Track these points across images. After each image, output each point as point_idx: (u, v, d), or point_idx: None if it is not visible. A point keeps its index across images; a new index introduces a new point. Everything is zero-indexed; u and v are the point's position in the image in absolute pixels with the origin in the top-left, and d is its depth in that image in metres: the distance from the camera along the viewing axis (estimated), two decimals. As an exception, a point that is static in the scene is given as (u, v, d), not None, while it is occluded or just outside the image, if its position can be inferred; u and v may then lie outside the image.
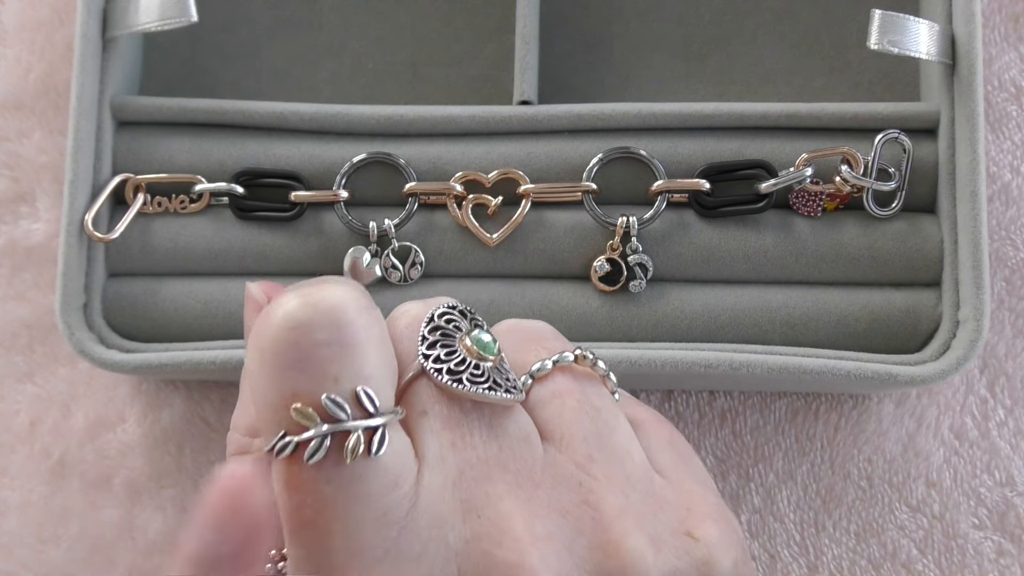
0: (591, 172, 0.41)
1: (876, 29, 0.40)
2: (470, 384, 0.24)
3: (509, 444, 0.24)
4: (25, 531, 0.44)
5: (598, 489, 0.24)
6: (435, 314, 0.25)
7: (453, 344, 0.25)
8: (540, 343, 0.27)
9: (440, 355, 0.24)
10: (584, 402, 0.26)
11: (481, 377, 0.24)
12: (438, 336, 0.25)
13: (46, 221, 0.45)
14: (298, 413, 0.22)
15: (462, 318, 0.26)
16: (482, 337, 0.25)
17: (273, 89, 0.45)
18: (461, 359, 0.24)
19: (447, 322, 0.25)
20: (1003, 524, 0.43)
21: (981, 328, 0.38)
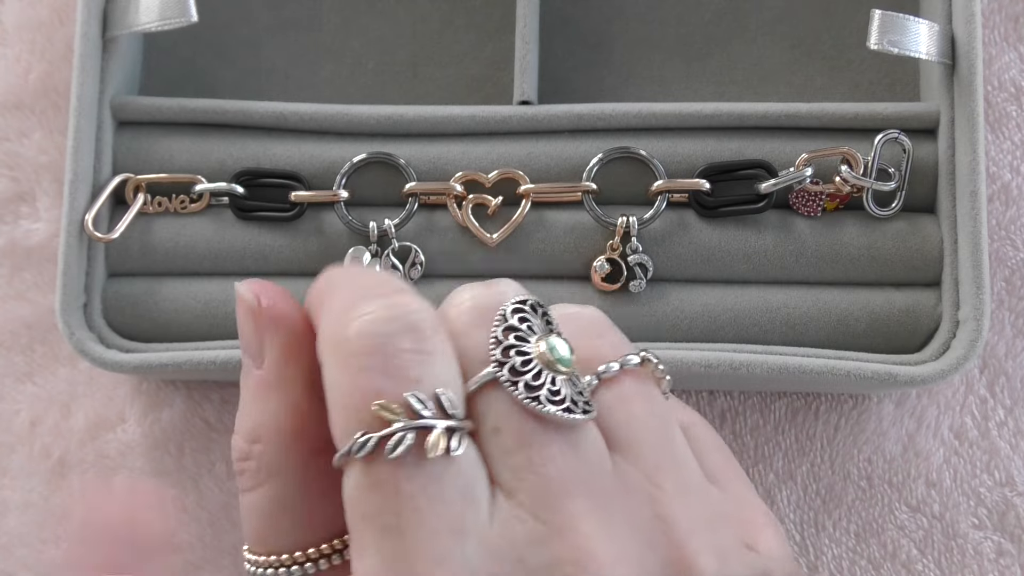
0: (591, 172, 0.41)
1: (876, 29, 0.40)
2: (549, 404, 0.23)
3: (584, 458, 0.23)
4: (25, 531, 0.44)
5: (668, 502, 0.23)
6: (507, 311, 0.24)
7: (528, 350, 0.23)
8: (602, 337, 0.26)
9: (516, 364, 0.23)
10: (650, 408, 0.25)
11: (558, 395, 0.23)
12: (512, 339, 0.23)
13: (46, 221, 0.45)
14: (382, 408, 0.22)
15: (534, 314, 0.24)
16: (559, 347, 0.24)
17: (273, 89, 0.45)
18: (537, 370, 0.23)
19: (521, 320, 0.24)
20: (1003, 524, 0.43)
21: (981, 328, 0.38)
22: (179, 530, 0.44)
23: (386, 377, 0.22)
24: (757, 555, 0.24)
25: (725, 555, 0.24)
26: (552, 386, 0.23)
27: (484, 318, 0.24)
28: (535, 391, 0.23)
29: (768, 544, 0.25)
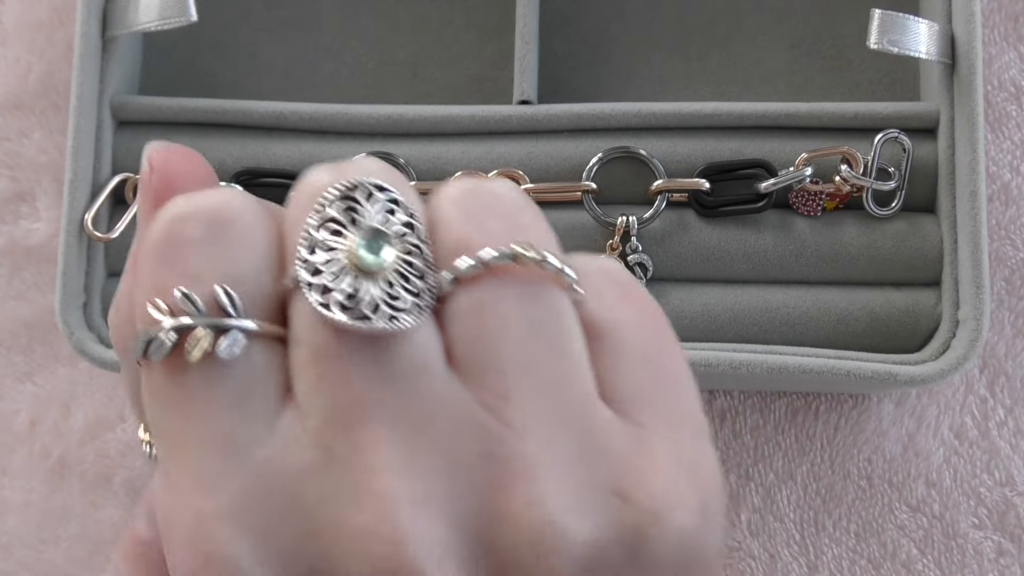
0: (591, 172, 0.41)
1: (876, 29, 0.40)
2: (338, 311, 0.19)
3: (395, 376, 0.19)
4: (25, 531, 0.44)
5: (509, 439, 0.19)
6: (332, 197, 0.20)
7: (335, 245, 0.20)
8: (493, 221, 0.21)
9: (318, 264, 0.20)
10: (515, 318, 0.20)
11: (353, 299, 0.19)
12: (323, 234, 0.20)
13: (46, 221, 0.45)
14: (153, 306, 0.20)
15: (367, 202, 0.20)
16: (362, 243, 0.20)
17: (273, 89, 0.45)
18: (339, 269, 0.20)
19: (347, 211, 0.20)
20: (1003, 524, 0.43)
21: (981, 328, 0.38)
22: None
23: (168, 271, 0.20)
24: (625, 505, 0.19)
25: (574, 506, 0.19)
26: (350, 290, 0.19)
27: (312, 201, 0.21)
28: (326, 294, 0.19)
29: (648, 490, 0.19)
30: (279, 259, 0.20)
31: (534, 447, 0.19)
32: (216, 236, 0.20)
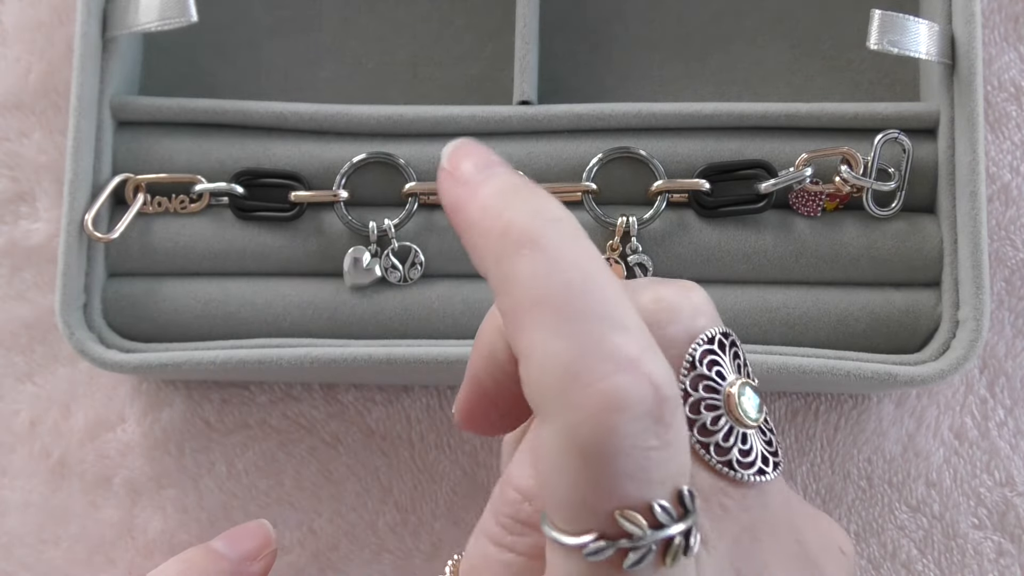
0: (591, 172, 0.41)
1: (876, 29, 0.40)
2: (739, 469, 0.22)
3: (756, 503, 0.22)
4: (25, 531, 0.44)
5: (800, 525, 0.23)
6: (698, 355, 0.22)
7: (718, 404, 0.22)
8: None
9: (706, 422, 0.22)
10: None
11: (749, 455, 0.22)
12: (700, 392, 0.22)
13: (46, 221, 0.45)
14: (627, 520, 0.20)
15: (721, 354, 0.23)
16: (748, 402, 0.22)
17: (273, 89, 0.45)
18: (727, 429, 0.22)
19: (710, 365, 0.22)
20: (1003, 524, 0.43)
21: (981, 328, 0.38)
22: (179, 530, 0.44)
23: (633, 481, 0.20)
24: (846, 558, 0.25)
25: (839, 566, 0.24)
26: (743, 445, 0.22)
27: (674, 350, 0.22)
28: (726, 454, 0.22)
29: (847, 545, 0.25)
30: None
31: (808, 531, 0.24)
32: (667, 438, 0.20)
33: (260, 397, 0.44)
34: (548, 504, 0.21)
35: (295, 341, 0.40)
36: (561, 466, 0.20)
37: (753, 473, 0.22)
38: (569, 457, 0.20)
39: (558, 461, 0.20)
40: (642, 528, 0.20)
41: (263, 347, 0.40)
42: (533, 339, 0.20)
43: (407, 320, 0.41)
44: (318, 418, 0.44)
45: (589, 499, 0.20)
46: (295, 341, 0.40)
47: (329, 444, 0.44)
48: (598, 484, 0.20)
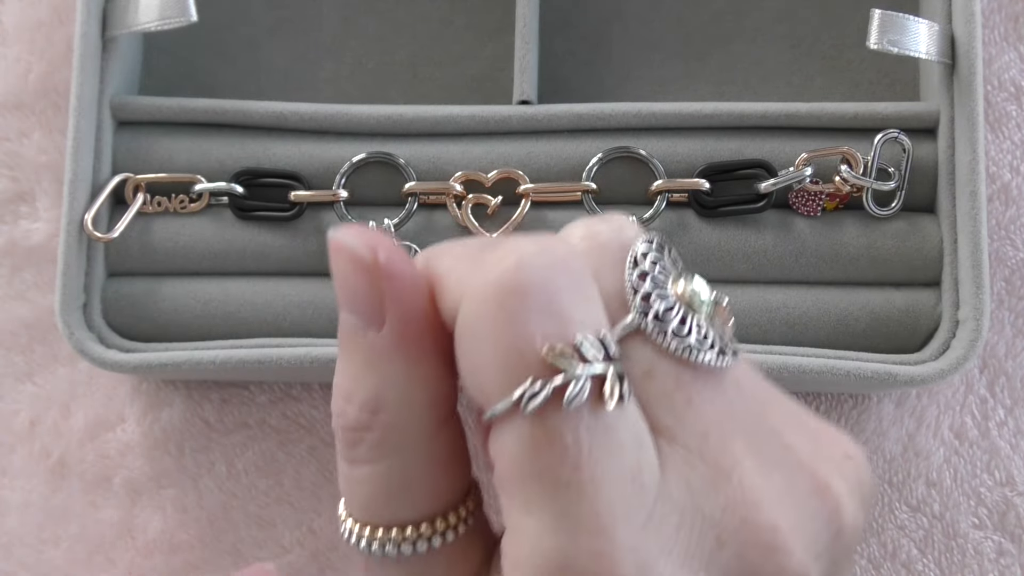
0: (591, 172, 0.41)
1: (876, 29, 0.40)
2: (700, 351, 0.22)
3: (729, 396, 0.22)
4: (25, 531, 0.44)
5: (786, 431, 0.23)
6: (637, 253, 0.22)
7: (666, 293, 0.22)
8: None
9: (659, 311, 0.22)
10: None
11: (708, 338, 0.22)
12: (648, 283, 0.22)
13: (46, 221, 0.45)
14: (554, 354, 0.20)
15: (661, 254, 0.23)
16: (699, 289, 0.23)
17: (273, 89, 0.45)
18: (681, 316, 0.22)
19: (653, 264, 0.22)
20: (1003, 524, 0.43)
21: (981, 328, 0.38)
22: (179, 530, 0.44)
23: (551, 318, 0.20)
24: (853, 462, 0.24)
25: (841, 472, 0.23)
26: (699, 331, 0.22)
27: (611, 257, 0.22)
28: (684, 338, 0.22)
29: (854, 449, 0.24)
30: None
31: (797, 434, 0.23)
32: (577, 284, 0.21)
33: (260, 397, 0.44)
34: (481, 387, 0.21)
35: (295, 341, 0.40)
36: (481, 327, 0.21)
37: (713, 356, 0.22)
38: (485, 311, 0.21)
39: (477, 326, 0.21)
40: (571, 361, 0.20)
41: (263, 347, 0.40)
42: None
43: (407, 320, 0.41)
44: (318, 418, 0.44)
45: (514, 344, 0.20)
46: (295, 341, 0.40)
47: (329, 444, 0.44)
48: (517, 324, 0.20)
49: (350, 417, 0.23)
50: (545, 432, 0.20)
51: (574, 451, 0.20)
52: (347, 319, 0.23)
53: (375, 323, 0.22)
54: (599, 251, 0.23)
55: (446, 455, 0.23)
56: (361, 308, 0.23)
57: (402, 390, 0.22)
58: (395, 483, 0.23)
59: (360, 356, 0.23)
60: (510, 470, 0.21)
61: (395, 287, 0.22)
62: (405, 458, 0.23)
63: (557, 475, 0.20)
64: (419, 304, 0.22)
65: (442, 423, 0.23)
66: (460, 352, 0.21)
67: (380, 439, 0.23)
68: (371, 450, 0.23)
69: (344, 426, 0.23)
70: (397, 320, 0.22)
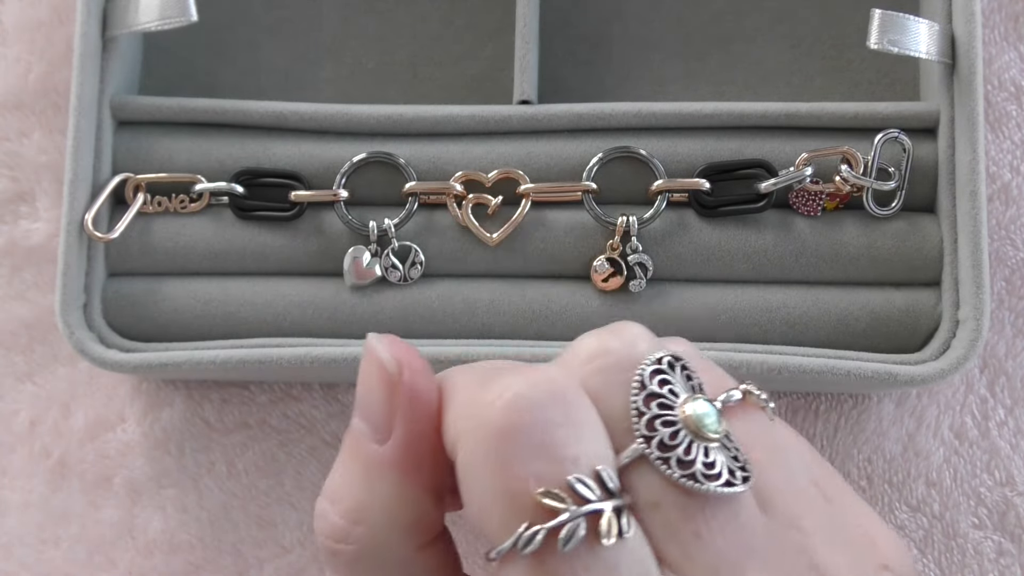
0: (591, 172, 0.41)
1: (876, 29, 0.40)
2: (706, 482, 0.21)
3: (745, 524, 0.21)
4: (25, 531, 0.44)
5: (814, 547, 0.22)
6: (646, 375, 0.22)
7: (674, 419, 0.22)
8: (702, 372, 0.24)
9: (664, 438, 0.21)
10: (770, 448, 0.23)
11: (713, 468, 0.21)
12: (654, 408, 0.22)
13: (46, 221, 0.45)
14: (548, 496, 0.20)
15: (672, 372, 0.22)
16: (705, 414, 0.22)
17: (273, 89, 0.45)
18: (688, 443, 0.21)
19: (661, 384, 0.22)
20: (1003, 524, 0.43)
21: (981, 328, 0.38)
22: (179, 530, 0.44)
23: (543, 459, 0.20)
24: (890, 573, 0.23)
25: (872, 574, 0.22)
26: (706, 458, 0.21)
27: (619, 378, 0.22)
28: (689, 467, 0.21)
29: (894, 557, 0.23)
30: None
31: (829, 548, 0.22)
32: (571, 418, 0.21)
33: (260, 397, 0.44)
34: (483, 526, 0.21)
35: (295, 341, 0.40)
36: (477, 468, 0.21)
37: (720, 485, 0.21)
38: (480, 452, 0.21)
39: (474, 466, 0.21)
40: (564, 502, 0.20)
41: (263, 347, 0.40)
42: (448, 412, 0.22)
43: (407, 320, 0.41)
44: (318, 418, 0.44)
45: (509, 487, 0.20)
46: (295, 341, 0.40)
47: (329, 444, 0.44)
48: (511, 465, 0.20)
49: (329, 521, 0.23)
50: (545, 574, 0.20)
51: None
52: (356, 425, 0.23)
53: (381, 436, 0.23)
54: (607, 371, 0.22)
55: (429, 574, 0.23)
56: (372, 418, 0.23)
57: (389, 509, 0.22)
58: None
59: (357, 464, 0.23)
60: None
61: (409, 408, 0.22)
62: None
63: None
64: (427, 429, 0.23)
65: (423, 547, 0.23)
66: (463, 490, 0.21)
67: (356, 554, 0.23)
68: (348, 566, 0.23)
69: (322, 530, 0.23)
70: (402, 439, 0.22)
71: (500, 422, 0.21)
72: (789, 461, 0.23)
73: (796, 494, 0.23)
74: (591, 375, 0.22)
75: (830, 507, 0.23)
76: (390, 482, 0.23)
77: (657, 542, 0.21)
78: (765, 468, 0.23)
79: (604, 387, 0.22)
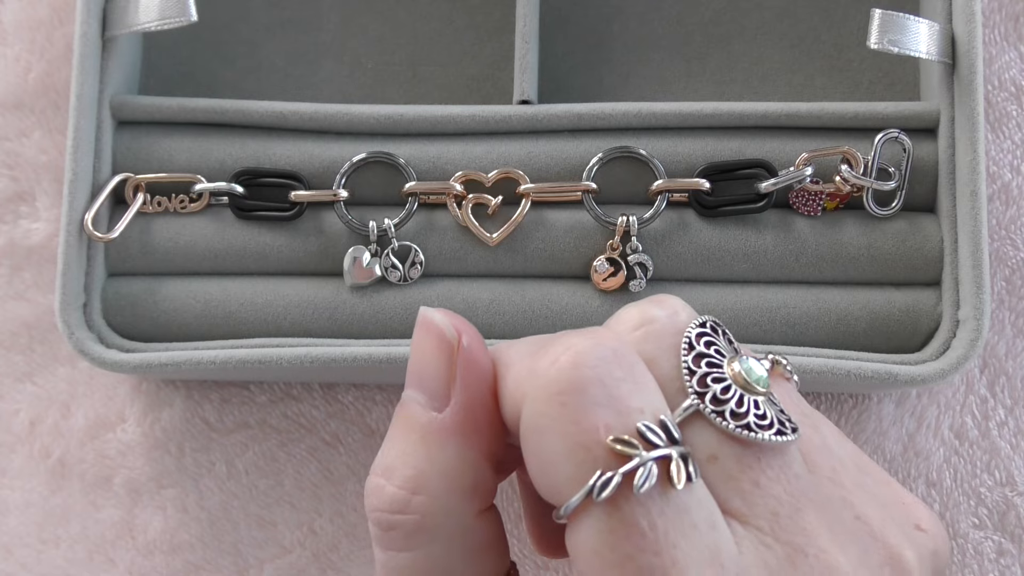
0: (591, 171, 0.41)
1: (876, 28, 0.40)
2: (761, 431, 0.22)
3: (795, 472, 0.23)
4: (25, 531, 0.44)
5: (856, 501, 0.23)
6: (692, 336, 0.23)
7: (723, 375, 0.23)
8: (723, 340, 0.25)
9: (716, 393, 0.22)
10: (804, 413, 0.24)
11: (766, 418, 0.22)
12: (703, 367, 0.23)
13: (46, 221, 0.45)
14: (620, 443, 0.21)
15: (715, 335, 0.24)
16: (754, 368, 0.23)
17: (273, 89, 0.45)
18: (739, 396, 0.22)
19: (707, 345, 0.23)
20: (1003, 524, 0.43)
21: (981, 328, 0.38)
22: (179, 530, 0.44)
23: (611, 409, 0.21)
24: (926, 534, 0.24)
25: (912, 542, 0.23)
26: (757, 410, 0.22)
27: (666, 342, 0.23)
28: (743, 418, 0.22)
29: (928, 521, 0.24)
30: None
31: (868, 505, 0.23)
32: (635, 373, 0.22)
33: (260, 397, 0.44)
34: (552, 483, 0.21)
35: (295, 341, 0.40)
36: (546, 424, 0.21)
37: (772, 433, 0.22)
38: (549, 408, 0.21)
39: (542, 423, 0.21)
40: (635, 448, 0.21)
41: (263, 347, 0.40)
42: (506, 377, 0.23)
43: (407, 320, 0.41)
44: (318, 418, 0.44)
45: (580, 439, 0.21)
46: (295, 341, 0.40)
47: (329, 444, 0.44)
48: (580, 419, 0.21)
49: (386, 495, 0.23)
50: (621, 520, 0.21)
51: (651, 536, 0.20)
52: (411, 395, 0.23)
53: (440, 403, 0.23)
54: (655, 337, 0.23)
55: (484, 543, 0.23)
56: (430, 386, 0.23)
57: (449, 475, 0.23)
58: (433, 573, 0.23)
59: (414, 434, 0.23)
60: (591, 564, 0.21)
61: (469, 375, 0.23)
62: (443, 547, 0.23)
63: (638, 562, 0.20)
64: (485, 395, 0.23)
65: (480, 514, 0.23)
66: (527, 451, 0.22)
67: (417, 525, 0.23)
68: (407, 538, 0.23)
69: (378, 506, 0.23)
70: (462, 406, 0.23)
71: (568, 376, 0.21)
72: (821, 428, 0.24)
73: (831, 455, 0.23)
74: (640, 341, 0.23)
75: (862, 475, 0.24)
76: (450, 449, 0.23)
77: (718, 492, 0.22)
78: (804, 428, 0.23)
79: (654, 351, 0.23)
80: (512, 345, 0.24)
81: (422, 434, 0.23)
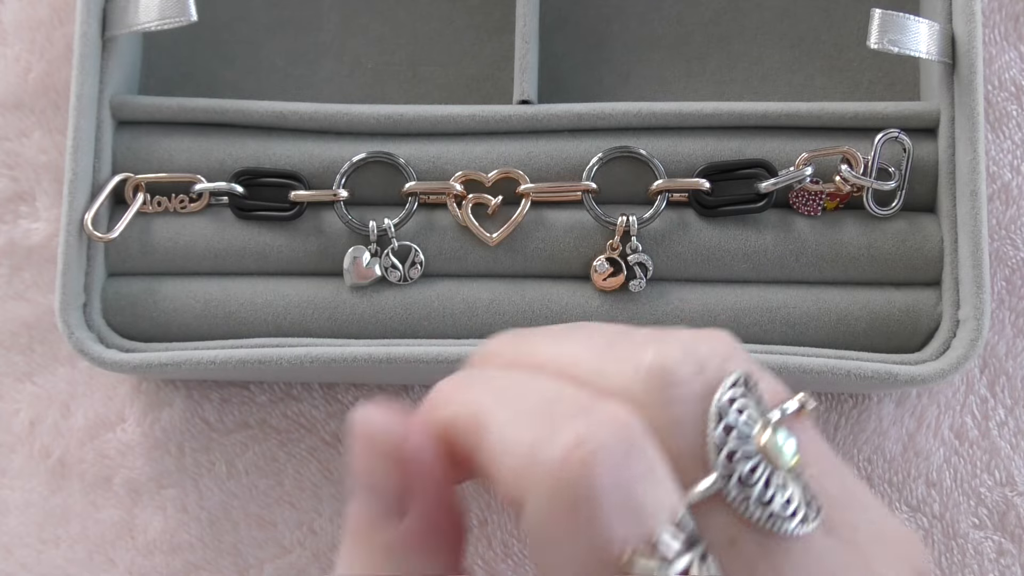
0: (591, 171, 0.41)
1: (876, 28, 0.40)
2: (783, 521, 0.21)
3: (817, 554, 0.21)
4: (25, 531, 0.44)
5: (870, 562, 0.22)
6: (723, 402, 0.21)
7: (751, 451, 0.21)
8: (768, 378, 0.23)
9: (743, 474, 0.21)
10: (821, 457, 0.22)
11: (790, 505, 0.21)
12: (732, 440, 0.21)
13: (46, 221, 0.45)
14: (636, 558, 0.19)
15: (748, 394, 0.22)
16: (784, 447, 0.21)
17: (273, 88, 0.45)
18: (765, 479, 0.21)
19: (738, 411, 0.21)
20: (1003, 524, 0.43)
21: (981, 327, 0.38)
22: (179, 530, 0.44)
23: (627, 517, 0.19)
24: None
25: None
26: (784, 493, 0.21)
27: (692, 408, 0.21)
28: (768, 506, 0.21)
29: (918, 555, 0.23)
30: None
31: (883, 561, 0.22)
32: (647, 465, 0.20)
33: (260, 397, 0.44)
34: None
35: (295, 341, 0.40)
36: (554, 533, 0.20)
37: (797, 524, 0.21)
38: (557, 516, 0.19)
39: (550, 530, 0.20)
40: (653, 561, 0.19)
41: (263, 347, 0.40)
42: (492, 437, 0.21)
43: (407, 320, 0.41)
44: (318, 418, 0.44)
45: (597, 555, 0.19)
46: (295, 341, 0.40)
47: (329, 444, 0.44)
48: (595, 533, 0.19)
49: None
50: None
51: None
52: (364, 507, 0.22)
53: (393, 511, 0.21)
54: (680, 403, 0.21)
55: None
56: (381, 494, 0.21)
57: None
58: None
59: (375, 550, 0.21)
60: None
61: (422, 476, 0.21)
62: None
63: None
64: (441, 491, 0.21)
65: None
66: (533, 552, 0.20)
67: None
68: None
69: None
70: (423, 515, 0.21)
71: (578, 478, 0.19)
72: (838, 470, 0.23)
73: (848, 504, 0.22)
74: (663, 405, 0.21)
75: (866, 513, 0.23)
76: (415, 561, 0.21)
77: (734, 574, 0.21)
78: (822, 482, 0.22)
79: (679, 416, 0.21)
80: (492, 399, 0.21)
81: (385, 549, 0.21)
